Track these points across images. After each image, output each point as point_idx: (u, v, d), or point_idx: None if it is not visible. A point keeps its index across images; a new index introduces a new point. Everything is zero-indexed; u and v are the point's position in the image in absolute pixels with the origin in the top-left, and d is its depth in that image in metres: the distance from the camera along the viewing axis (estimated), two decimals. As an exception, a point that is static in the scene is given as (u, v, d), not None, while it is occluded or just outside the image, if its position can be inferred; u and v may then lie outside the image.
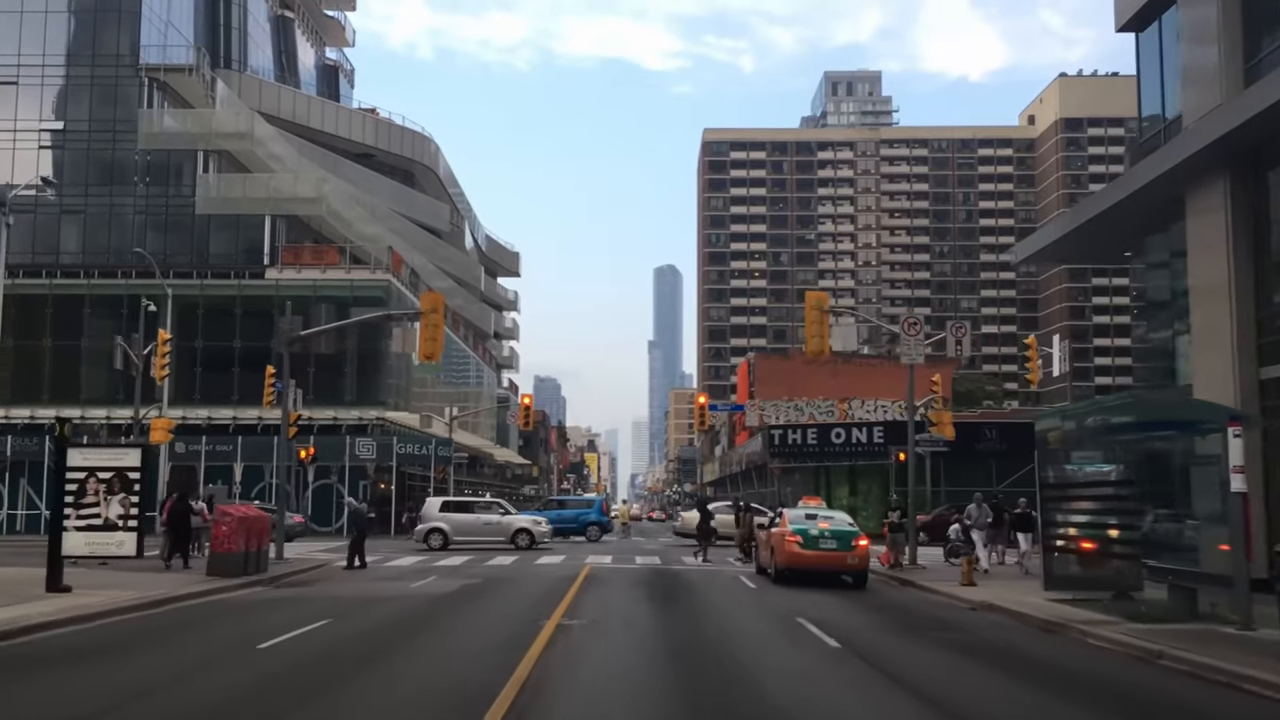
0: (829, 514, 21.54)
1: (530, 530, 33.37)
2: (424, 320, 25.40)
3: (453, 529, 32.78)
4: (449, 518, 33.46)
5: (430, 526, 33.40)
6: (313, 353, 49.95)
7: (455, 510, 34.08)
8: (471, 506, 34.88)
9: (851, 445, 45.05)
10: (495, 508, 34.97)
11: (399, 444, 44.70)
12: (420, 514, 34.73)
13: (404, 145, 75.24)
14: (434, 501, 35.46)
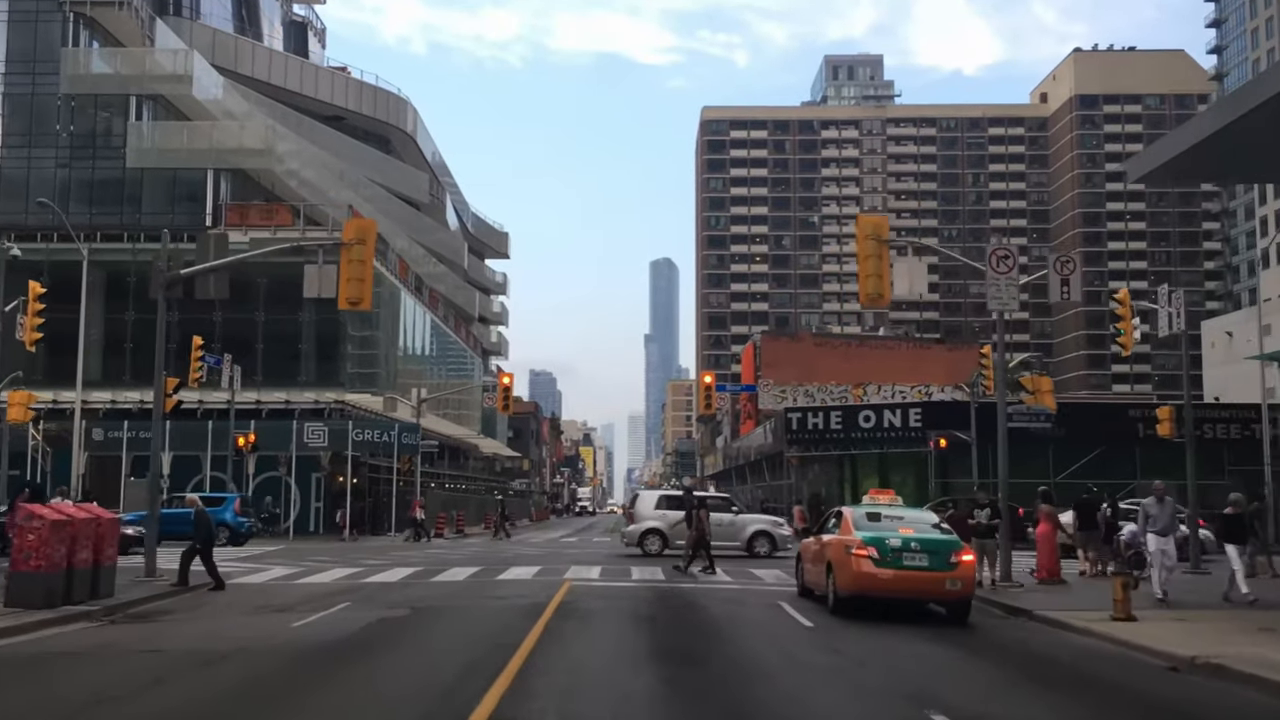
0: (905, 513, 15.24)
1: (771, 534, 27.40)
2: (345, 255, 19.05)
3: (672, 530, 26.05)
4: (667, 516, 27.05)
5: (646, 528, 27.10)
6: (259, 324, 43.66)
7: (676, 507, 27.51)
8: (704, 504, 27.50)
9: (883, 430, 38.78)
10: (726, 505, 28.62)
11: (356, 430, 38.35)
12: (634, 510, 27.99)
13: (378, 108, 68.75)
14: (648, 496, 29.27)
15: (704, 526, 21.33)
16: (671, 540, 25.78)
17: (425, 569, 21.57)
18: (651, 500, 28.87)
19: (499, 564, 22.99)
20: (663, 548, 26.14)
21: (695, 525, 21.40)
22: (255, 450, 37.36)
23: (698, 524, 21.33)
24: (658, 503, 28.44)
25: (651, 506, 28.15)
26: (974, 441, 36.65)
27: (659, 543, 26.47)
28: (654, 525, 27.27)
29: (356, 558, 25.44)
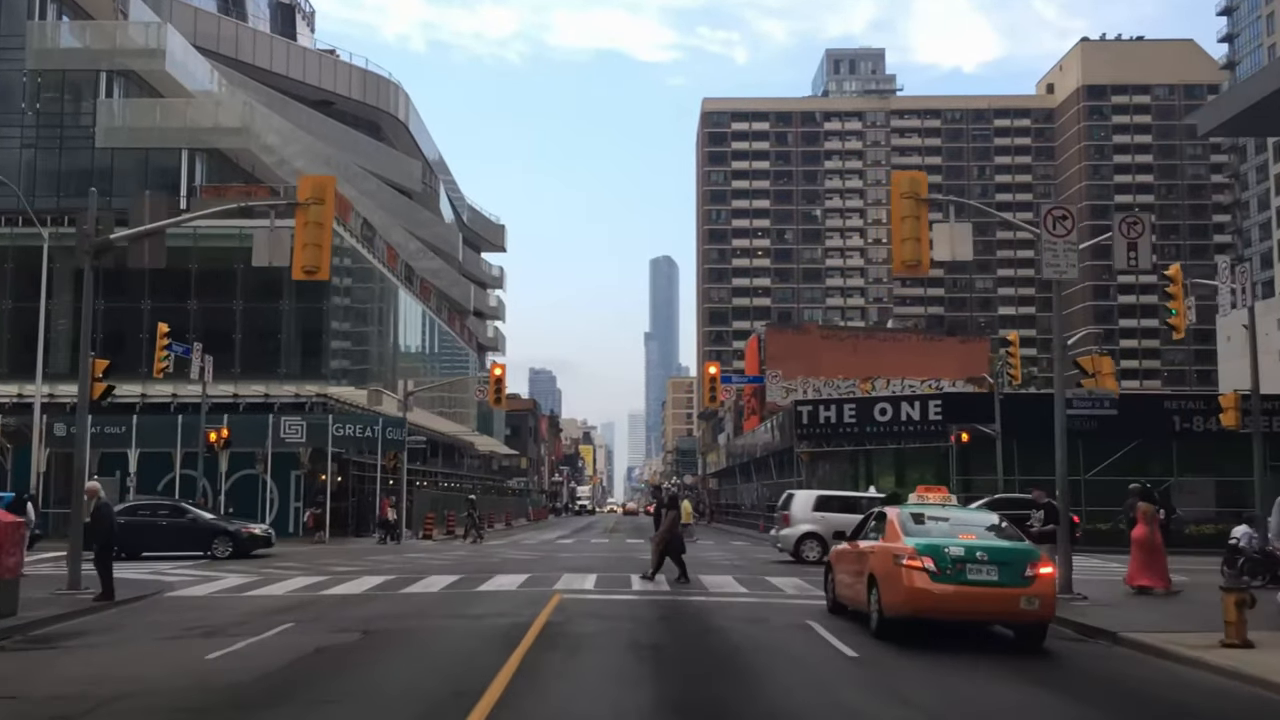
0: (961, 515, 12.69)
1: (823, 537, 24.65)
2: (301, 217, 16.57)
3: (833, 536, 23.02)
4: (827, 519, 24.72)
5: (802, 532, 24.80)
6: (237, 314, 41.15)
7: (837, 509, 25.24)
8: (857, 504, 25.27)
9: (900, 424, 36.26)
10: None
11: (336, 425, 35.77)
12: (789, 512, 25.45)
13: (367, 92, 66.25)
14: (804, 496, 26.62)
15: (675, 529, 18.71)
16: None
17: (398, 578, 19.05)
18: (808, 501, 25.97)
19: (482, 571, 20.46)
20: (821, 554, 22.88)
21: (664, 527, 18.69)
22: (228, 446, 34.77)
23: (667, 526, 18.64)
24: (815, 504, 25.64)
25: (809, 508, 25.38)
26: (999, 435, 34.19)
27: (818, 549, 23.61)
28: (811, 529, 24.70)
29: (327, 564, 22.91)
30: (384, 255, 49.64)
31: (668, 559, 18.43)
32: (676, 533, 18.67)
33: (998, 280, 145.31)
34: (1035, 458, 35.05)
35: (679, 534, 18.81)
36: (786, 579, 19.08)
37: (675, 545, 18.55)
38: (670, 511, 18.84)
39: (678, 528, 18.81)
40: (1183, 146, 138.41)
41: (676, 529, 18.73)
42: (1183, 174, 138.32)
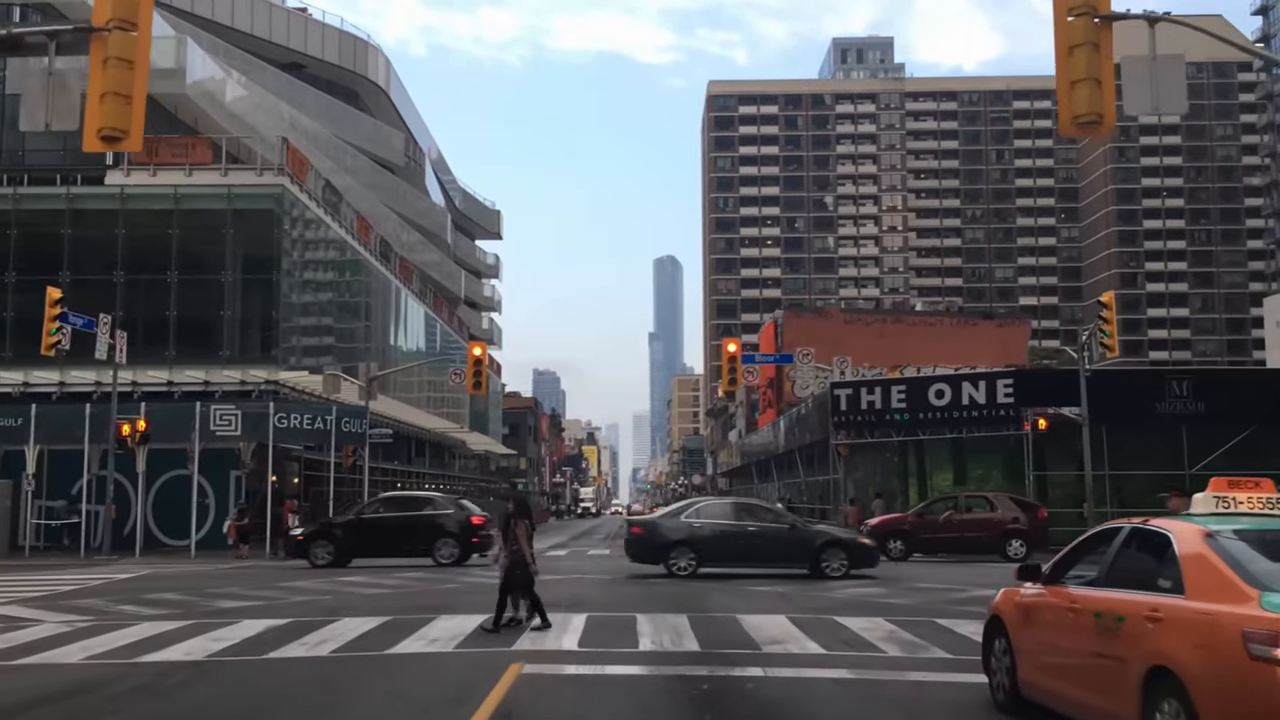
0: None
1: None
2: (98, 51, 10.39)
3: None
4: None
5: None
6: (172, 287, 34.94)
7: None
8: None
9: (961, 408, 29.99)
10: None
11: (280, 414, 29.55)
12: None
13: (342, 54, 60.08)
14: None
15: (524, 550, 12.17)
16: None
17: (293, 622, 12.81)
18: None
19: (422, 610, 14.21)
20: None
21: (508, 547, 12.23)
22: (145, 441, 28.61)
23: (513, 544, 12.16)
24: None
25: None
26: (1086, 420, 27.90)
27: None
28: None
29: (219, 593, 16.69)
30: (353, 225, 43.45)
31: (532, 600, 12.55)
32: (523, 557, 12.15)
33: (1018, 269, 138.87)
34: (1128, 448, 28.90)
35: (524, 557, 12.15)
36: (864, 619, 12.87)
37: (521, 577, 12.23)
38: (522, 521, 12.36)
39: (529, 549, 12.33)
40: (1212, 127, 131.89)
41: (528, 551, 12.27)
42: (1212, 155, 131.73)
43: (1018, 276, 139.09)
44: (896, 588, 17.34)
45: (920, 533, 26.22)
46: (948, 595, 16.25)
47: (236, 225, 35.18)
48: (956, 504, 27.05)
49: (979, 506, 26.71)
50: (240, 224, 35.32)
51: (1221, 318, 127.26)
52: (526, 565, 12.15)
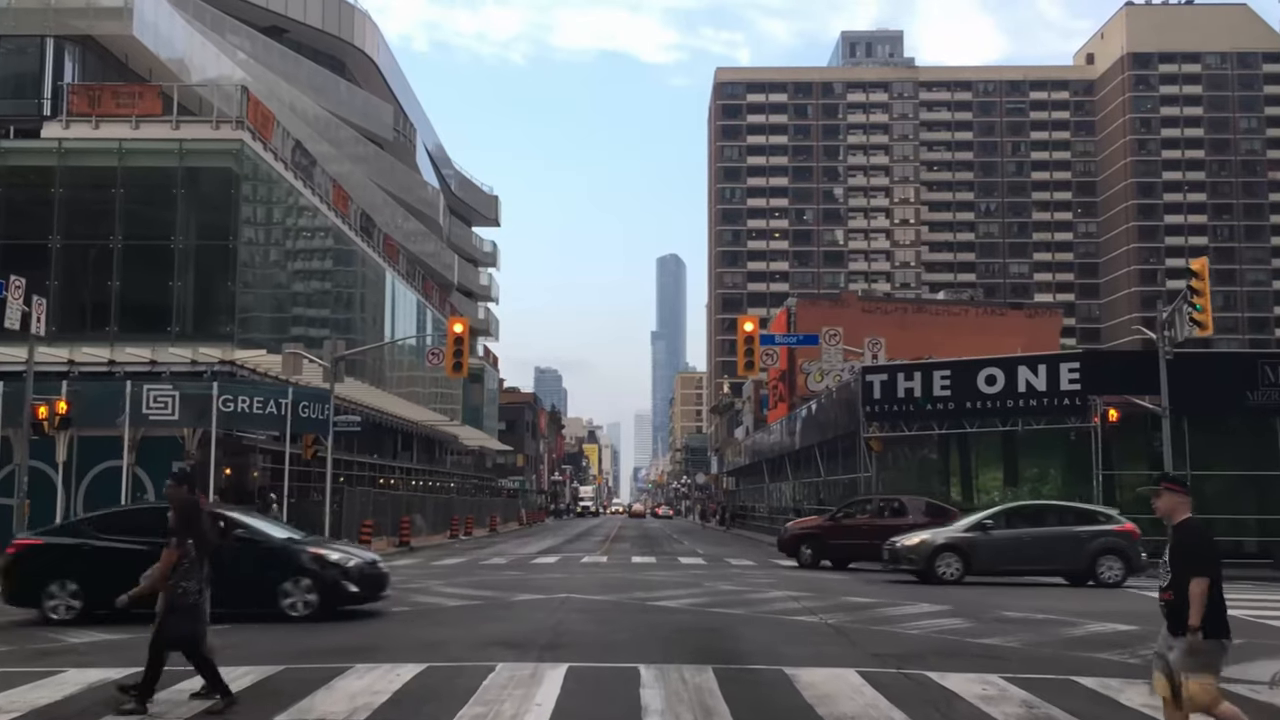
0: None
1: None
2: None
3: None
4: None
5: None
6: (115, 253, 30.77)
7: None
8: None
9: (1016, 396, 25.81)
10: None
11: (226, 397, 25.44)
12: None
13: (326, 18, 55.96)
14: None
15: (191, 581, 7.67)
16: None
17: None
18: None
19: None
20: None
21: (156, 573, 7.68)
22: (67, 425, 24.52)
23: (162, 573, 7.62)
24: None
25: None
26: (1166, 413, 23.74)
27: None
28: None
29: (75, 630, 12.59)
30: (328, 193, 39.34)
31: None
32: (189, 600, 7.66)
33: (1034, 265, 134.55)
34: (1211, 444, 24.75)
35: (188, 599, 7.62)
36: (970, 676, 8.74)
37: (184, 629, 7.70)
38: (184, 542, 7.68)
39: (194, 579, 7.70)
40: (1236, 119, 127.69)
41: (191, 581, 7.68)
42: (1236, 149, 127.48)
43: (1033, 272, 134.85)
44: (978, 618, 13.23)
45: (831, 538, 23.48)
46: (1056, 632, 12.14)
47: (189, 185, 31.04)
48: (871, 507, 24.10)
49: (893, 511, 23.50)
50: (193, 184, 31.19)
51: (1244, 316, 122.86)
52: (196, 610, 7.63)
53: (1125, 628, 12.39)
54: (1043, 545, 19.14)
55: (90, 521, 14.41)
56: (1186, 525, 6.08)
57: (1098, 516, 20.28)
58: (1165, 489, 6.19)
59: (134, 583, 8.01)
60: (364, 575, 13.22)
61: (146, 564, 8.07)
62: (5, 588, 13.43)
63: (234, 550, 12.28)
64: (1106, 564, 18.84)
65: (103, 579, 11.87)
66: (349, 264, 42.60)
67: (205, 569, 7.69)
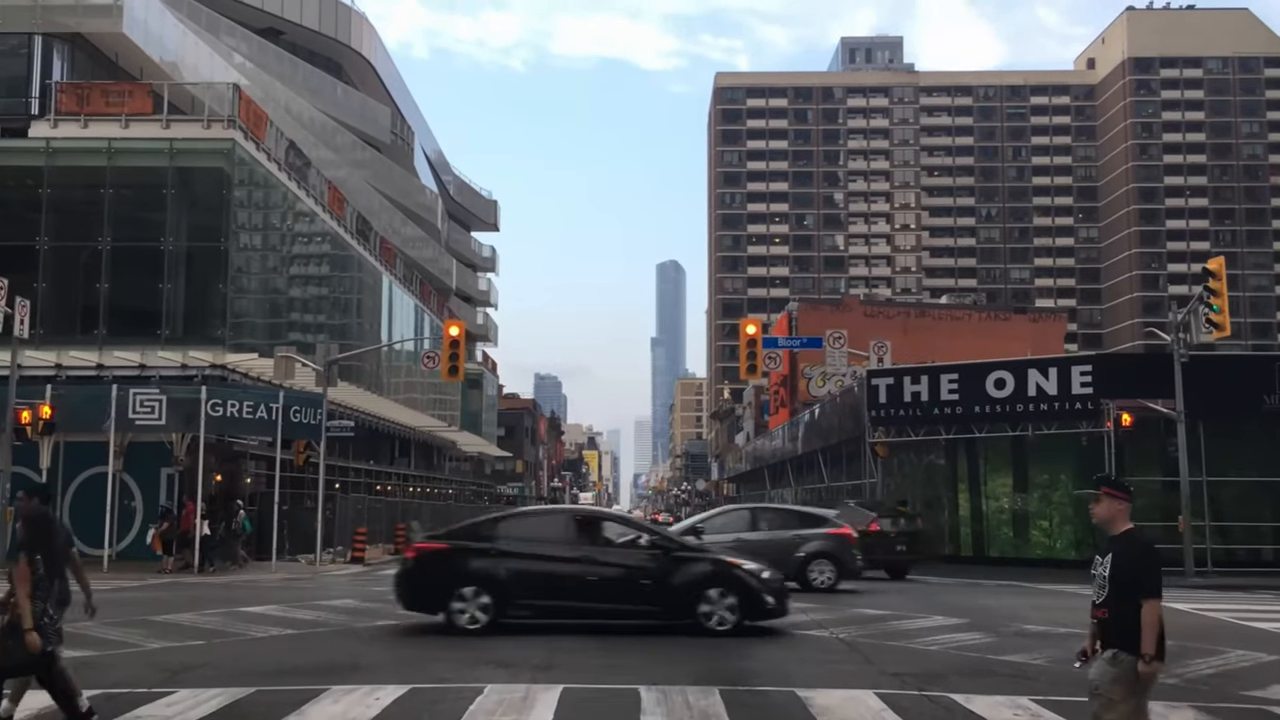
0: None
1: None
2: None
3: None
4: None
5: None
6: (105, 255, 30.10)
7: None
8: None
9: (1026, 400, 25.15)
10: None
11: (214, 401, 24.77)
12: None
13: (323, 20, 55.45)
14: None
15: (22, 606, 6.52)
16: None
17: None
18: None
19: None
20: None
21: (21, 588, 6.57)
22: (50, 431, 23.87)
23: (18, 580, 6.58)
24: None
25: None
26: (1182, 417, 23.10)
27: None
28: None
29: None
30: (323, 195, 38.69)
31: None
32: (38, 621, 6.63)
33: (1035, 270, 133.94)
34: (1226, 449, 24.10)
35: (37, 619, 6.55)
36: (998, 700, 8.07)
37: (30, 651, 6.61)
38: (32, 557, 6.67)
39: (41, 597, 6.70)
40: (1238, 124, 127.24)
41: (25, 608, 6.58)
42: (1238, 154, 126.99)
43: (1034, 278, 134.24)
44: (997, 632, 12.54)
45: None
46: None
47: (180, 185, 30.36)
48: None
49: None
50: (184, 184, 30.52)
51: (1246, 321, 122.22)
52: (28, 635, 6.58)
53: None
54: (753, 549, 18.64)
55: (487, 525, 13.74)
56: (1131, 537, 5.40)
57: (817, 520, 19.87)
58: (1105, 494, 5.51)
59: None
60: (779, 588, 12.52)
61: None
62: None
63: (646, 558, 12.21)
64: (818, 568, 18.60)
65: None
66: (344, 267, 41.94)
67: (56, 587, 6.86)
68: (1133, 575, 5.20)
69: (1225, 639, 12.19)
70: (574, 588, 12.14)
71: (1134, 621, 5.11)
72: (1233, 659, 10.64)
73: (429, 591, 12.38)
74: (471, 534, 13.15)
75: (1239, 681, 9.47)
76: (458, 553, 12.50)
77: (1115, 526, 5.44)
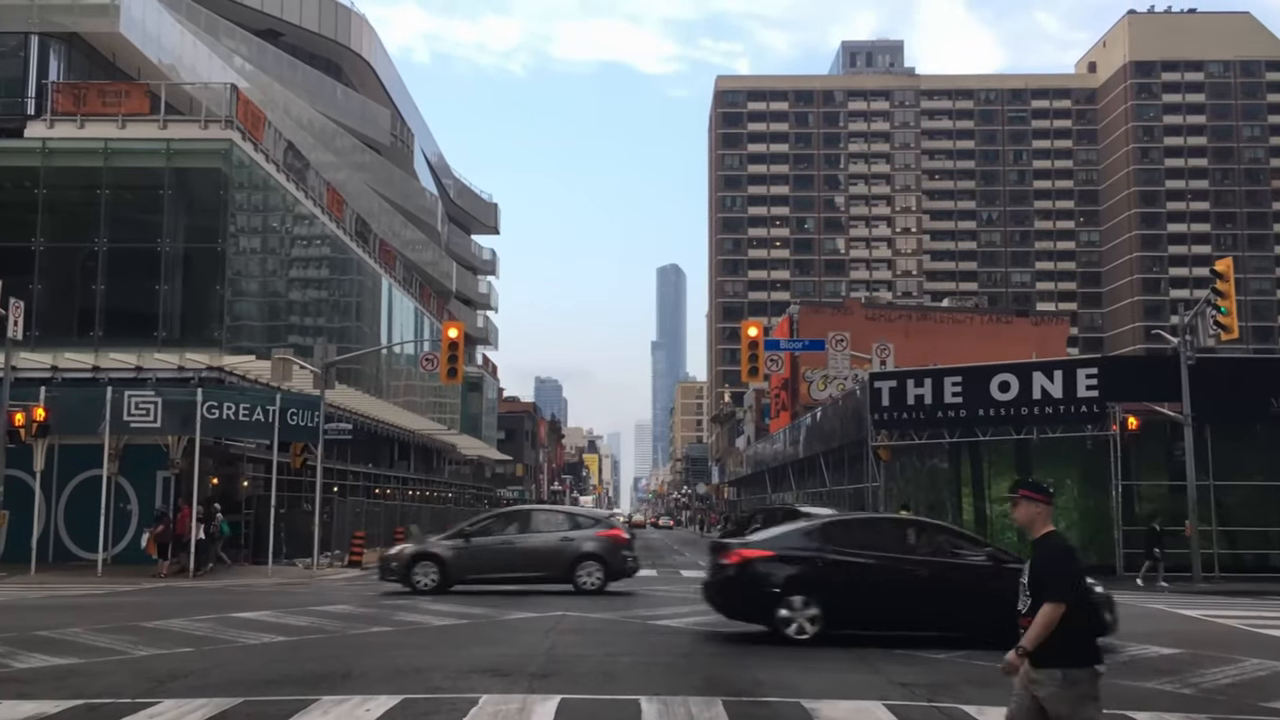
0: None
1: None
2: None
3: None
4: None
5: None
6: (101, 256, 29.85)
7: None
8: None
9: (1031, 404, 24.88)
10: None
11: (210, 404, 24.50)
12: None
13: (323, 21, 55.23)
14: None
15: None
16: None
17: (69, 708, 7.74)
18: None
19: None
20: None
21: None
22: (45, 433, 23.59)
23: None
24: None
25: None
26: (1189, 421, 22.83)
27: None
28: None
29: (39, 640, 11.65)
30: (322, 197, 38.47)
31: None
32: None
33: (1036, 274, 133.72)
34: (1234, 453, 23.83)
35: None
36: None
37: None
38: None
39: None
40: (1239, 128, 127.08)
41: None
42: (1239, 157, 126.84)
43: (1035, 281, 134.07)
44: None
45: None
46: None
47: (177, 186, 30.12)
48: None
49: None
50: (181, 185, 30.28)
51: (1248, 325, 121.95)
52: None
53: (1169, 651, 11.45)
54: (524, 552, 18.97)
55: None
56: (1047, 542, 5.17)
57: (588, 521, 20.08)
58: (1023, 496, 5.28)
59: None
60: (1114, 608, 11.69)
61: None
62: None
63: (986, 571, 11.58)
64: (586, 570, 18.70)
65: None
66: (343, 269, 41.70)
67: None
68: (1045, 579, 4.99)
69: (1239, 647, 11.92)
70: (910, 599, 11.60)
71: (1061, 630, 4.87)
72: (1249, 668, 10.37)
73: (754, 600, 11.84)
74: (794, 541, 12.24)
75: (1257, 692, 9.20)
76: (783, 560, 11.83)
77: (1035, 530, 5.23)
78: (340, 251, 40.62)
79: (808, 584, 11.62)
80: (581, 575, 18.65)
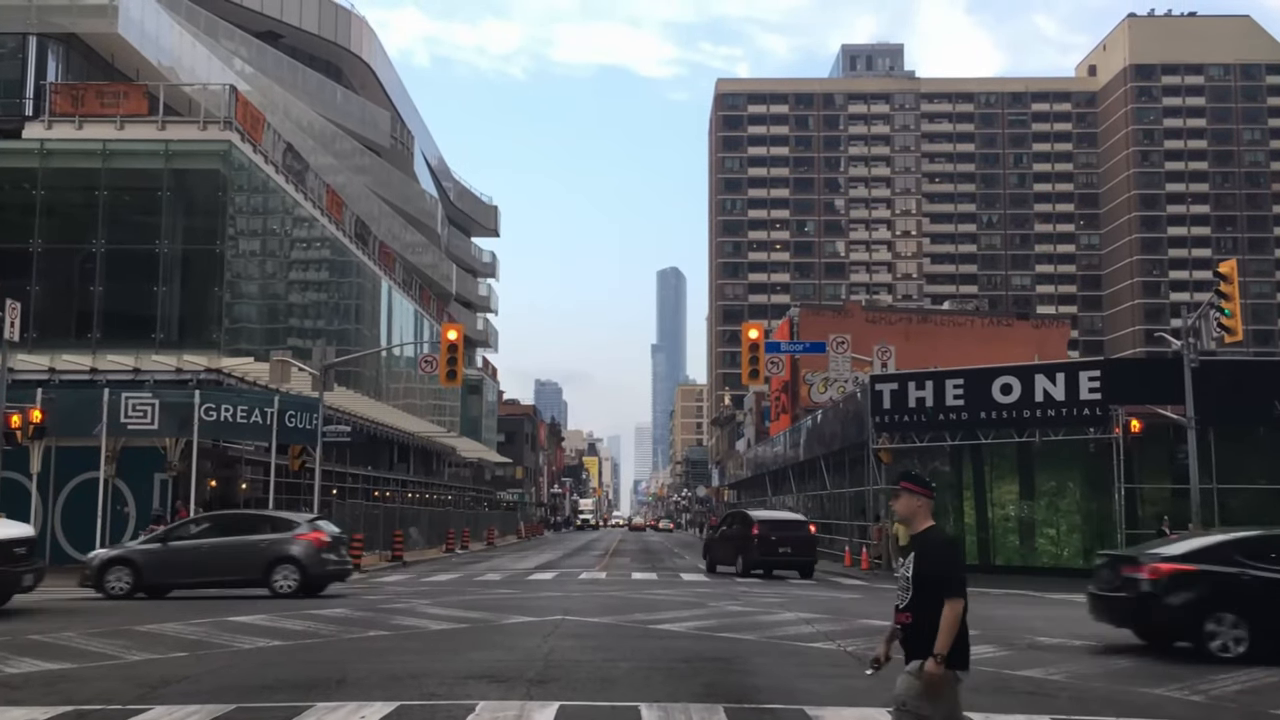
0: None
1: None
2: None
3: None
4: None
5: None
6: (99, 258, 29.73)
7: None
8: None
9: (1033, 407, 24.72)
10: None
11: (208, 405, 24.36)
12: None
13: (323, 23, 55.14)
14: None
15: None
16: None
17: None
18: None
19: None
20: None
21: None
22: (41, 435, 23.45)
23: None
24: None
25: None
26: (1192, 423, 22.68)
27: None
28: None
29: (28, 645, 11.50)
30: (321, 198, 38.34)
31: None
32: None
33: (1036, 277, 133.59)
34: (1238, 456, 23.68)
35: None
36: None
37: None
38: None
39: None
40: (1239, 131, 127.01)
41: None
42: (1239, 160, 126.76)
43: (1035, 285, 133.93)
44: (1011, 645, 12.13)
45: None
46: (1103, 663, 11.05)
47: (175, 187, 30.02)
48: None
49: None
50: (179, 186, 30.18)
51: (1249, 329, 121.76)
52: None
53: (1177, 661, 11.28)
54: (221, 556, 18.43)
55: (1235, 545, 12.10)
56: (930, 536, 5.11)
57: (286, 524, 19.42)
58: (904, 488, 5.19)
59: None
60: None
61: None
62: None
63: None
64: (282, 573, 18.20)
65: None
66: (343, 271, 41.58)
67: None
68: (935, 575, 4.92)
69: (1247, 652, 11.75)
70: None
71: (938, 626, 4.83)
72: (1258, 674, 10.23)
73: (1178, 616, 11.41)
74: (1216, 556, 11.73)
75: (1267, 699, 9.05)
76: (1208, 576, 11.44)
77: (916, 524, 5.18)
78: (340, 254, 40.50)
79: (1236, 602, 11.22)
80: (277, 579, 18.01)
